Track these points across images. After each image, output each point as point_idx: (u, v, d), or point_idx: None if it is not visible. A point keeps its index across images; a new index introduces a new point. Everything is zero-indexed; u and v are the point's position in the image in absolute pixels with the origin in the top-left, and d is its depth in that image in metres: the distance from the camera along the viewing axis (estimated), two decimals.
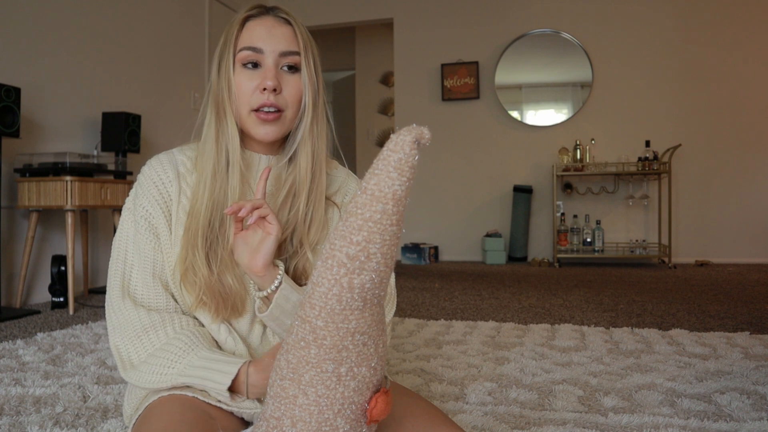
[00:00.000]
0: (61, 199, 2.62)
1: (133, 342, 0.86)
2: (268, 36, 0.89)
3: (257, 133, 0.91)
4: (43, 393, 1.35)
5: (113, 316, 0.89)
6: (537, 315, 2.40)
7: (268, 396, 0.65)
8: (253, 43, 0.89)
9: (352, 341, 0.60)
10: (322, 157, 0.95)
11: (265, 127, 0.90)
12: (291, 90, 0.90)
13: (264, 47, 0.89)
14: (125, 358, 0.87)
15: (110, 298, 0.90)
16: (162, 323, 0.87)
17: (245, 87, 0.89)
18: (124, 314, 0.88)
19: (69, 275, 2.59)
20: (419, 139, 0.54)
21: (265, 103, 0.88)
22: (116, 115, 3.10)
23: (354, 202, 0.56)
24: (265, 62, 0.89)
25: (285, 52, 0.89)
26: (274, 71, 0.89)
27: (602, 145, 4.67)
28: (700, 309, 2.50)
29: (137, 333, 0.86)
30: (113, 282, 0.91)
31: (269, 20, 0.90)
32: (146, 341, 0.86)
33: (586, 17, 4.71)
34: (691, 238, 4.55)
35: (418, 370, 1.55)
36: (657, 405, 1.27)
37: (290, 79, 0.90)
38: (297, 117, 0.93)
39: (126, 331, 0.87)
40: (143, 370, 0.84)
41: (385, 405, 0.64)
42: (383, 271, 0.58)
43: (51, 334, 2.02)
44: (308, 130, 0.92)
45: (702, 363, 1.60)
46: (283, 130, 0.92)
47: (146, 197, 0.92)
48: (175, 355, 0.83)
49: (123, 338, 0.87)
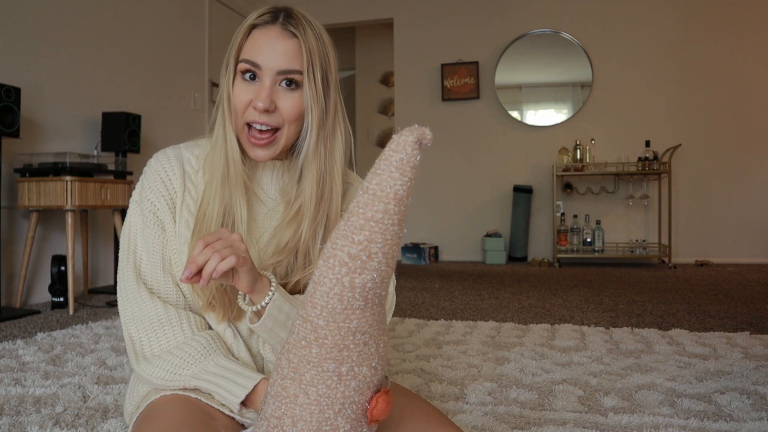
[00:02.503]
0: (61, 199, 2.62)
1: (147, 334, 0.86)
2: (269, 51, 0.85)
3: (250, 154, 0.89)
4: (43, 393, 1.35)
5: (128, 304, 0.88)
6: (537, 315, 2.40)
7: (269, 395, 0.65)
8: (252, 57, 0.85)
9: (354, 341, 0.60)
10: (334, 175, 0.91)
11: (256, 151, 0.88)
12: (289, 108, 0.86)
13: (263, 63, 0.85)
14: (138, 349, 0.86)
15: (125, 287, 0.89)
16: (179, 320, 0.87)
17: (241, 99, 0.87)
18: (140, 304, 0.87)
19: (69, 275, 2.59)
20: (421, 140, 0.54)
21: (256, 121, 0.86)
22: (116, 115, 3.10)
23: (356, 202, 0.56)
24: (262, 79, 0.86)
25: (284, 70, 0.85)
26: (269, 91, 0.85)
27: (602, 145, 4.67)
28: (700, 309, 2.50)
29: (153, 325, 0.86)
30: (126, 272, 0.90)
31: (275, 32, 0.86)
32: (161, 335, 0.85)
33: (586, 17, 4.71)
34: (691, 238, 4.55)
35: (418, 370, 1.55)
36: (657, 405, 1.27)
37: (288, 96, 0.86)
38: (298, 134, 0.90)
39: (142, 322, 0.86)
40: (156, 364, 0.84)
41: (385, 405, 0.64)
42: (384, 271, 0.58)
43: (51, 334, 2.02)
44: (312, 150, 0.89)
45: (702, 363, 1.60)
46: (278, 150, 0.89)
47: (152, 191, 0.91)
48: (191, 356, 0.83)
49: (138, 329, 0.87)
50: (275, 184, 0.95)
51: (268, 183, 0.95)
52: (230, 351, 0.89)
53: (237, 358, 0.89)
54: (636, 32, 4.63)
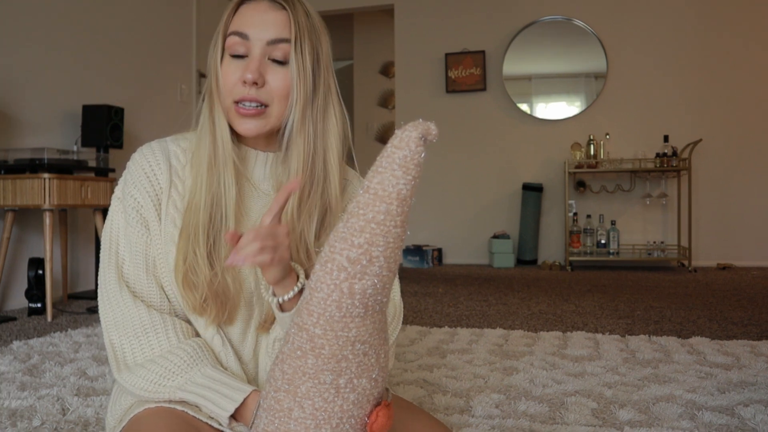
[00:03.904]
0: (38, 198, 2.62)
1: (130, 340, 0.86)
2: (258, 21, 0.87)
3: (238, 128, 0.89)
4: (19, 405, 1.35)
5: (110, 308, 0.88)
6: (548, 322, 2.40)
7: (261, 408, 0.65)
8: (240, 28, 0.88)
9: (352, 351, 0.60)
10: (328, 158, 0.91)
11: (245, 122, 0.88)
12: (277, 83, 0.88)
13: (251, 33, 0.87)
14: (120, 356, 0.86)
15: (107, 291, 0.89)
16: (164, 326, 0.86)
17: (230, 78, 0.88)
18: (122, 308, 0.87)
19: (47, 279, 2.59)
20: (425, 135, 0.53)
21: (245, 97, 0.87)
22: (97, 108, 3.09)
23: (355, 202, 0.55)
24: (252, 51, 0.87)
25: (273, 40, 0.87)
26: (258, 62, 0.87)
27: (617, 140, 4.67)
28: (722, 315, 2.51)
29: (136, 332, 0.86)
30: (108, 273, 0.90)
31: (264, 5, 0.89)
32: (145, 342, 0.85)
33: (599, 3, 4.72)
34: (712, 239, 4.55)
35: (420, 381, 1.55)
36: (676, 418, 1.27)
37: (277, 71, 0.88)
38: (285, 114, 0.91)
39: (125, 327, 0.86)
40: (139, 374, 0.83)
41: (386, 419, 0.64)
42: (386, 276, 0.57)
43: (28, 342, 2.02)
44: (298, 128, 0.90)
45: (724, 373, 1.60)
46: (268, 126, 0.90)
47: (136, 186, 0.91)
48: (177, 366, 0.83)
49: (120, 335, 0.86)
50: (268, 178, 0.96)
51: (261, 176, 0.95)
52: (219, 360, 0.89)
53: (226, 367, 0.89)
54: (653, 19, 4.63)
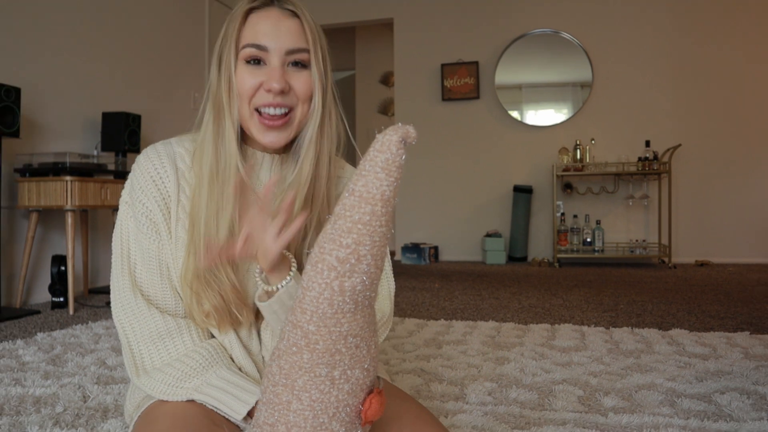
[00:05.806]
0: (61, 199, 2.62)
1: (147, 346, 0.83)
2: (273, 31, 0.83)
3: (262, 140, 0.85)
4: (43, 393, 1.35)
5: (125, 315, 0.85)
6: (537, 315, 2.40)
7: (261, 403, 0.65)
8: (257, 40, 0.82)
9: (345, 344, 0.60)
10: (326, 159, 0.88)
11: (269, 135, 0.84)
12: (301, 86, 0.84)
13: (269, 45, 0.82)
14: (138, 362, 0.84)
15: (121, 297, 0.86)
16: (179, 330, 0.84)
17: (248, 84, 0.83)
18: (137, 316, 0.84)
19: (69, 275, 2.59)
20: (405, 138, 0.53)
21: (270, 103, 0.82)
22: (116, 115, 3.10)
23: (342, 205, 0.55)
24: (271, 61, 0.83)
25: (292, 49, 0.83)
26: (281, 71, 0.83)
27: (602, 145, 4.67)
28: (700, 309, 2.50)
29: (153, 338, 0.83)
30: (122, 280, 0.86)
31: (274, 13, 0.84)
32: (162, 348, 0.83)
33: (586, 17, 4.71)
34: (691, 238, 4.55)
35: (417, 370, 1.55)
36: (657, 405, 1.27)
37: (300, 74, 0.84)
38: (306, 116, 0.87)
39: (142, 334, 0.83)
40: (157, 378, 0.81)
41: (379, 405, 0.64)
42: (374, 273, 0.58)
43: (51, 334, 2.02)
44: (316, 133, 0.86)
45: (702, 363, 1.60)
46: (291, 135, 0.86)
47: (144, 193, 0.86)
48: (192, 369, 0.81)
49: (138, 341, 0.84)
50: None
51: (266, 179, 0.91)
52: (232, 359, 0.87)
53: (239, 366, 0.87)
54: (636, 32, 4.62)
